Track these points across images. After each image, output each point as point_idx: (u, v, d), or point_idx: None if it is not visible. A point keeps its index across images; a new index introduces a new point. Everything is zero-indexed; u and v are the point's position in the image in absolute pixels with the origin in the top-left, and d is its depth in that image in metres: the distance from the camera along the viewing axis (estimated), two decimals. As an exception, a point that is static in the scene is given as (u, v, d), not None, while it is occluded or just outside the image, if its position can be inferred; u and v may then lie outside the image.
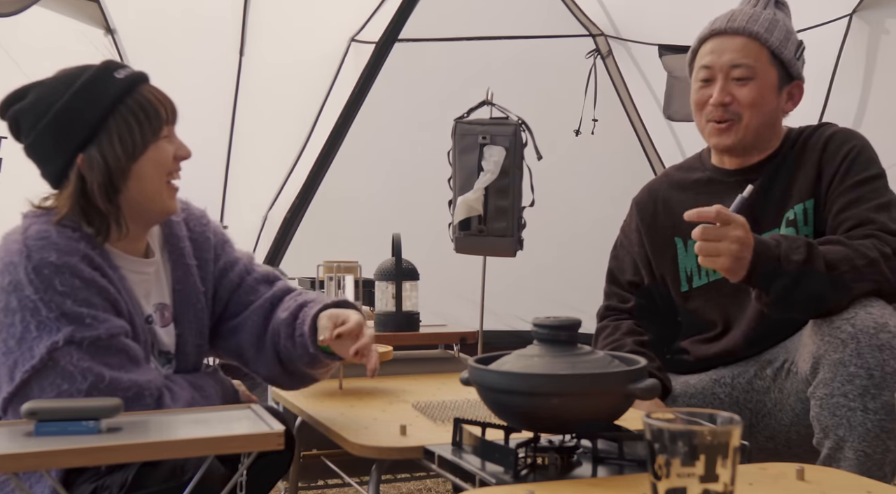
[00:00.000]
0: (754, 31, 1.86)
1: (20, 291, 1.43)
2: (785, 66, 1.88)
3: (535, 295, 4.20)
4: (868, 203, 1.77)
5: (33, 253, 1.44)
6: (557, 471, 1.36)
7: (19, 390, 1.42)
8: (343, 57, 4.05)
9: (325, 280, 2.25)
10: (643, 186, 2.14)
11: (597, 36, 4.34)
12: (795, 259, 1.64)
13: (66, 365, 1.42)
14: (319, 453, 2.40)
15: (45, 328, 1.42)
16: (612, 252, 2.15)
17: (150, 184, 1.55)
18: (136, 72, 1.58)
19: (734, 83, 1.86)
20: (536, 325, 1.43)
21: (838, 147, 1.85)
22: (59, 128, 1.51)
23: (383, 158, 4.22)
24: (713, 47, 1.90)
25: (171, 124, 1.59)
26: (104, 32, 3.33)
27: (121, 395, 1.41)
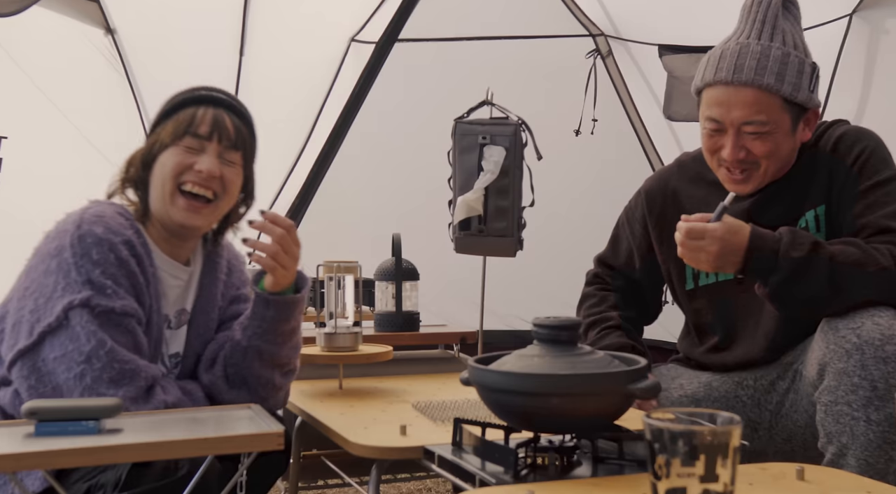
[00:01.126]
0: (764, 83, 1.73)
1: (61, 254, 1.54)
2: (799, 106, 1.78)
3: (535, 295, 4.20)
4: (884, 208, 1.72)
5: (84, 225, 1.56)
6: (557, 471, 1.36)
7: (34, 345, 1.50)
8: (343, 57, 4.05)
9: (325, 280, 2.24)
10: (654, 174, 2.10)
11: (597, 36, 4.34)
12: (795, 255, 1.63)
13: (75, 326, 1.49)
14: (319, 453, 2.40)
15: (70, 289, 1.51)
16: (615, 228, 2.14)
17: (157, 185, 1.66)
18: (214, 96, 1.74)
19: (747, 137, 1.77)
20: (536, 325, 1.43)
21: (849, 148, 1.79)
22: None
23: (383, 158, 4.22)
24: (720, 98, 1.77)
25: (208, 140, 1.68)
26: (104, 32, 3.33)
27: (117, 367, 1.48)
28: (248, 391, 1.70)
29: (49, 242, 1.57)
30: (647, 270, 2.07)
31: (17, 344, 1.51)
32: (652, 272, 2.07)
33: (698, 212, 1.86)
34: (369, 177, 4.22)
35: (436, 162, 2.46)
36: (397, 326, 2.58)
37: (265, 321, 1.67)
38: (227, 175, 1.68)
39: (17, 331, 1.53)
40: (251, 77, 3.73)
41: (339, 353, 2.15)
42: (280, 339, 1.69)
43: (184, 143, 1.66)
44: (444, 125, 2.41)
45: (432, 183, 2.61)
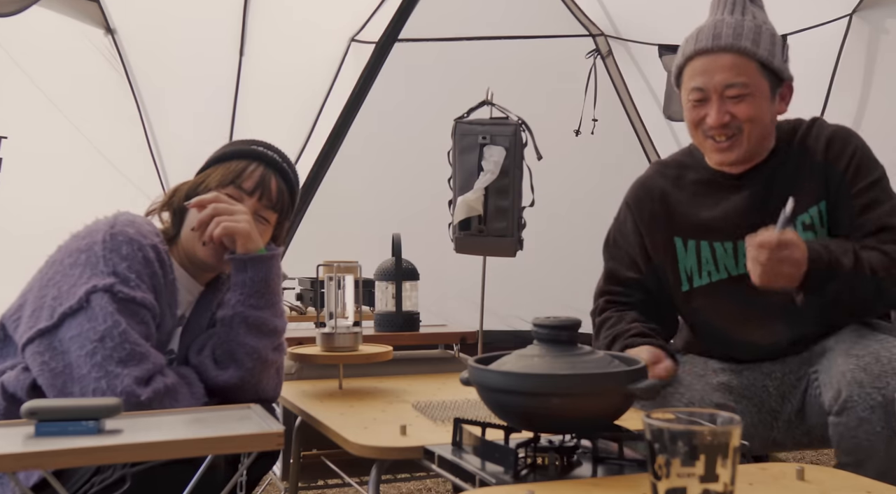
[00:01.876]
0: (741, 46, 1.83)
1: (91, 249, 1.60)
2: (775, 73, 1.86)
3: (535, 295, 4.20)
4: (882, 206, 1.82)
5: (117, 226, 1.64)
6: (557, 471, 1.36)
7: (54, 327, 1.55)
8: (343, 57, 4.06)
9: (325, 280, 2.24)
10: (633, 183, 2.10)
11: (597, 36, 4.34)
12: (846, 262, 1.72)
13: (95, 307, 1.55)
14: (319, 453, 2.40)
15: (95, 276, 1.57)
16: (606, 252, 2.11)
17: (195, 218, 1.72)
18: (269, 156, 1.84)
19: (730, 101, 1.84)
20: (536, 325, 1.43)
21: (842, 148, 1.86)
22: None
23: (383, 158, 4.22)
24: (702, 67, 1.86)
25: (250, 196, 1.77)
26: (104, 32, 3.33)
27: (128, 348, 1.53)
28: (237, 366, 1.70)
29: (78, 240, 1.64)
30: (653, 277, 2.04)
31: (35, 326, 1.56)
32: (657, 279, 2.04)
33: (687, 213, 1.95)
34: (369, 177, 4.22)
35: (436, 162, 2.46)
36: (397, 326, 2.58)
37: (245, 285, 1.72)
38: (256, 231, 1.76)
39: (38, 316, 1.57)
40: (251, 77, 3.73)
41: (339, 353, 2.15)
42: (262, 302, 1.73)
43: (226, 192, 1.75)
44: (445, 125, 2.41)
45: (432, 183, 2.61)
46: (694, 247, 1.95)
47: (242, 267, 1.72)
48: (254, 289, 1.72)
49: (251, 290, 1.72)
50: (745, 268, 1.86)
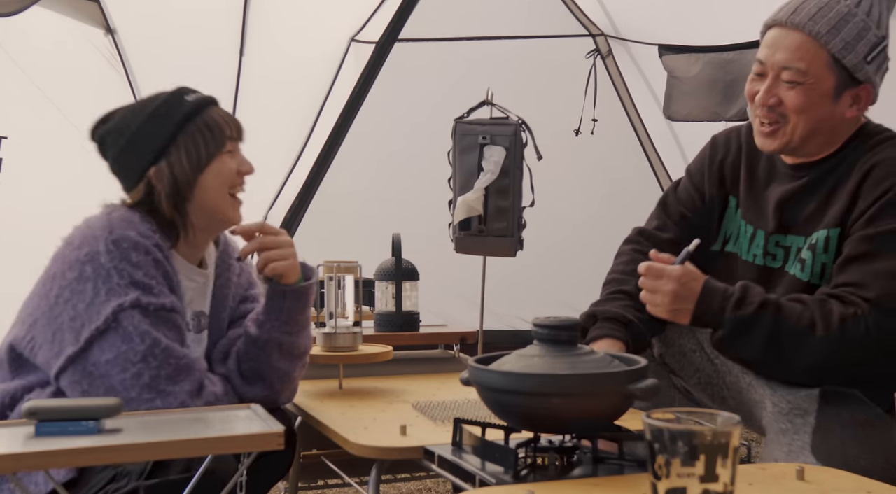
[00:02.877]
0: (815, 30, 1.66)
1: (96, 260, 1.54)
2: (847, 70, 1.69)
3: (535, 295, 4.20)
4: (879, 263, 1.64)
5: (115, 229, 1.58)
6: (557, 471, 1.36)
7: (83, 350, 1.51)
8: (343, 57, 4.05)
9: (325, 280, 2.24)
10: (725, 130, 2.01)
11: (597, 36, 4.34)
12: (740, 313, 1.64)
13: (127, 326, 1.51)
14: (319, 453, 2.40)
15: (115, 293, 1.53)
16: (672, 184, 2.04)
17: (213, 195, 1.69)
18: (205, 96, 1.74)
19: (783, 85, 1.70)
20: (536, 325, 1.43)
21: (879, 182, 1.68)
22: (136, 145, 1.68)
23: (383, 158, 4.22)
24: (770, 39, 1.72)
25: (236, 141, 1.74)
26: (104, 32, 3.33)
27: (173, 363, 1.52)
28: (265, 385, 1.74)
29: (76, 249, 1.57)
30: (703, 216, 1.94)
31: (62, 352, 1.52)
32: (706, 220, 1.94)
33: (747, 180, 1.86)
34: (369, 177, 4.22)
35: (436, 162, 2.46)
36: (397, 326, 2.58)
37: (283, 312, 1.71)
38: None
39: (61, 340, 1.53)
40: (251, 77, 3.73)
41: (339, 353, 2.15)
42: (297, 329, 1.74)
43: (226, 149, 1.71)
44: (444, 125, 2.41)
45: (432, 183, 2.61)
46: (739, 215, 1.89)
47: (281, 296, 1.71)
48: (290, 317, 1.72)
49: (288, 318, 1.72)
50: (752, 256, 1.85)
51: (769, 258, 1.82)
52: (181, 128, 1.68)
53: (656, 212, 2.02)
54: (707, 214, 1.95)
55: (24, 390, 1.58)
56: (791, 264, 1.80)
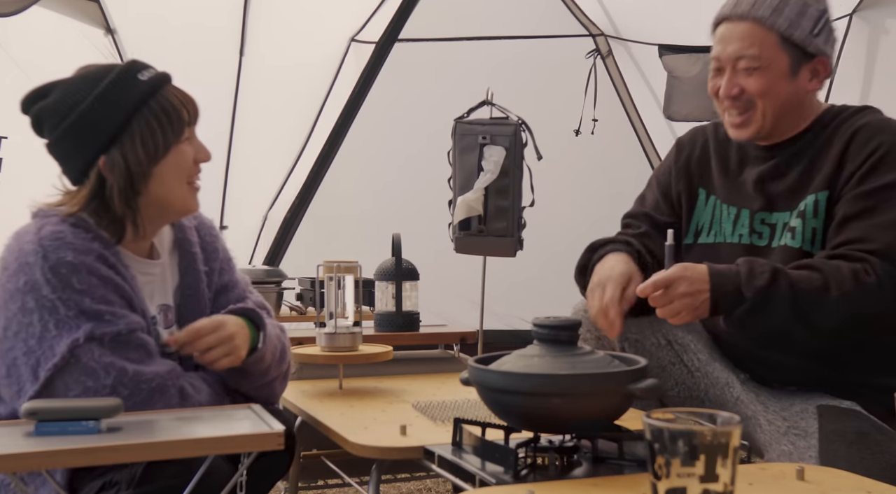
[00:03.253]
0: (758, 15, 1.73)
1: (37, 291, 1.43)
2: (799, 47, 1.74)
3: (535, 295, 4.20)
4: (878, 217, 1.65)
5: (49, 253, 1.45)
6: (557, 471, 1.36)
7: (44, 388, 1.42)
8: (343, 57, 4.05)
9: (325, 280, 2.24)
10: (691, 128, 2.05)
11: (597, 36, 4.34)
12: (757, 284, 1.60)
13: (88, 362, 1.42)
14: (319, 453, 2.40)
15: (65, 326, 1.43)
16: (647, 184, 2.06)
17: (170, 187, 1.56)
18: (160, 73, 1.59)
19: (741, 73, 1.75)
20: (536, 325, 1.43)
21: (865, 142, 1.72)
22: (83, 129, 1.51)
23: (383, 158, 4.22)
24: (720, 35, 1.78)
25: (193, 126, 1.60)
26: (104, 32, 3.33)
27: (145, 388, 1.44)
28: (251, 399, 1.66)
29: (12, 276, 1.46)
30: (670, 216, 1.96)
31: (23, 390, 1.44)
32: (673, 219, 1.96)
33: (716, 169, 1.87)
34: (369, 177, 4.22)
35: (436, 162, 2.46)
36: (397, 326, 2.58)
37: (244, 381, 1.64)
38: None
39: (18, 376, 1.45)
40: (251, 77, 3.73)
41: (339, 353, 2.15)
42: (264, 380, 1.66)
43: (184, 137, 1.58)
44: (444, 125, 2.41)
45: (432, 183, 2.61)
46: (712, 204, 1.90)
47: (238, 376, 1.62)
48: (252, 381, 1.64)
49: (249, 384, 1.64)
50: (738, 237, 1.84)
51: (755, 236, 1.82)
52: (136, 112, 1.52)
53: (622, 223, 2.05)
54: (673, 213, 1.97)
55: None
56: (778, 240, 1.80)
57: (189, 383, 1.55)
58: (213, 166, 4.09)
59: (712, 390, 1.88)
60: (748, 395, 1.82)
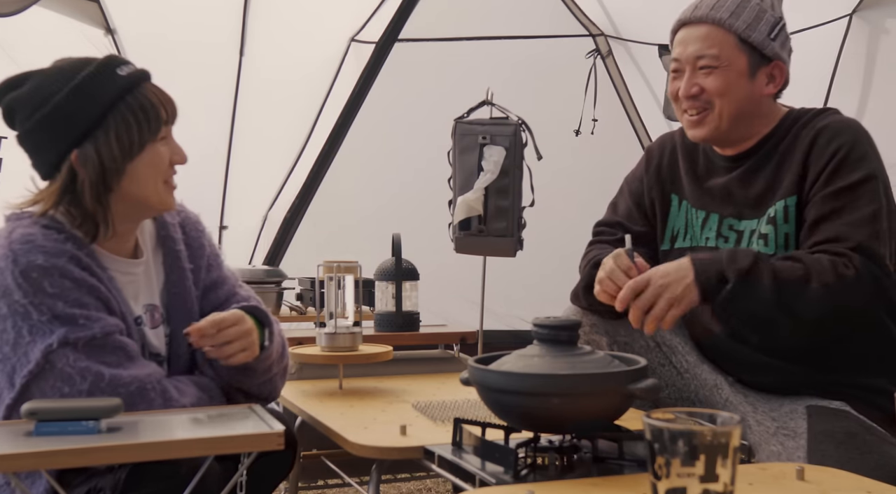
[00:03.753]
0: (717, 17, 1.78)
1: (9, 296, 1.41)
2: (757, 49, 1.79)
3: (535, 295, 4.20)
4: (848, 215, 1.67)
5: (20, 257, 1.42)
6: (557, 471, 1.36)
7: (20, 395, 1.40)
8: (343, 57, 4.05)
9: (325, 280, 2.24)
10: (660, 136, 2.08)
11: (597, 36, 4.34)
12: (738, 267, 1.61)
13: (63, 367, 1.40)
14: (319, 453, 2.40)
15: (38, 331, 1.40)
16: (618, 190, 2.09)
17: (144, 185, 1.53)
18: (139, 69, 1.57)
19: (700, 73, 1.79)
20: (536, 325, 1.43)
21: (826, 144, 1.74)
22: (56, 122, 1.48)
23: (383, 158, 4.22)
24: (680, 38, 1.84)
25: (170, 125, 1.58)
26: (104, 32, 3.33)
27: (123, 392, 1.41)
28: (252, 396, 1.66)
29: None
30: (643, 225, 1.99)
31: (0, 398, 1.43)
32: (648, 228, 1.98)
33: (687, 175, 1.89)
34: (369, 177, 4.22)
35: (436, 162, 2.46)
36: (397, 326, 2.58)
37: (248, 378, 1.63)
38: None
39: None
40: (251, 77, 3.73)
41: (339, 353, 2.15)
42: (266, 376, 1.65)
43: (160, 136, 1.54)
44: (444, 125, 2.41)
45: (432, 183, 2.61)
46: (685, 209, 1.92)
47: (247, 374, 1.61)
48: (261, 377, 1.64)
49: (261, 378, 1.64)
50: (705, 240, 1.85)
51: (721, 240, 1.84)
52: (112, 107, 1.48)
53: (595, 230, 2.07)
54: (646, 221, 1.99)
55: None
56: (744, 246, 1.80)
57: (174, 385, 1.52)
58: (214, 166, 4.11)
59: (702, 391, 1.88)
60: (737, 397, 1.82)
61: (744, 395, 1.82)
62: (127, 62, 1.56)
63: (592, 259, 1.89)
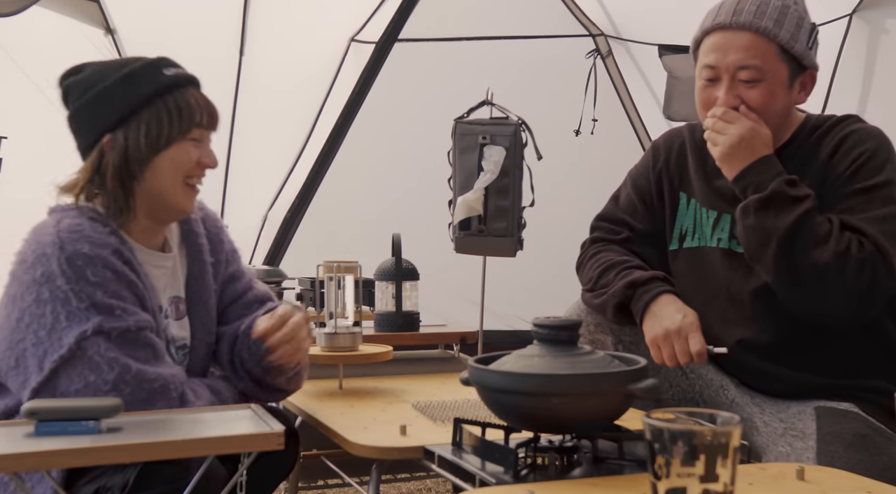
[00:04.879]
0: (762, 26, 1.70)
1: (52, 282, 1.45)
2: (796, 59, 1.74)
3: (535, 295, 4.20)
4: (864, 213, 1.67)
5: (66, 245, 1.47)
6: (557, 471, 1.36)
7: (48, 380, 1.43)
8: (343, 57, 4.05)
9: (325, 280, 2.24)
10: (666, 131, 2.06)
11: (597, 36, 4.34)
12: (788, 190, 1.64)
13: (93, 356, 1.43)
14: (319, 453, 2.40)
15: (75, 318, 1.44)
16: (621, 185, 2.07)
17: (165, 180, 1.59)
18: (187, 74, 1.66)
19: (742, 85, 1.73)
20: (536, 325, 1.43)
21: (849, 150, 1.73)
22: (97, 106, 1.58)
23: (383, 158, 4.22)
24: (717, 43, 1.74)
25: (206, 130, 1.64)
26: (104, 32, 3.33)
27: (147, 388, 1.45)
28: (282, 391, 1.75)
29: (30, 268, 1.48)
30: (648, 222, 1.97)
31: (28, 381, 1.45)
32: (653, 226, 1.97)
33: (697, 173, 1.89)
34: (369, 177, 4.22)
35: (436, 162, 2.46)
36: (397, 326, 2.58)
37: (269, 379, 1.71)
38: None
39: (25, 367, 1.46)
40: (251, 77, 3.72)
41: (339, 353, 2.15)
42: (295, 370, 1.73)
43: (190, 136, 1.61)
44: (444, 125, 2.41)
45: (432, 183, 2.60)
46: (693, 208, 1.90)
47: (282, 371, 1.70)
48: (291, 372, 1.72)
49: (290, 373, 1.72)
50: (716, 241, 1.84)
51: (734, 242, 1.82)
52: (148, 100, 1.58)
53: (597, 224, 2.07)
54: (651, 219, 1.97)
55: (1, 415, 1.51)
56: None
57: (191, 389, 1.55)
58: (214, 166, 4.05)
59: (707, 392, 1.88)
60: (743, 398, 1.82)
61: (750, 396, 1.81)
62: (177, 65, 1.66)
63: (612, 267, 1.87)
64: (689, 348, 1.70)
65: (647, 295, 1.78)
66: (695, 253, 1.89)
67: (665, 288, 1.79)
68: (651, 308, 1.77)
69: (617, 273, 1.86)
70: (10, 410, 1.50)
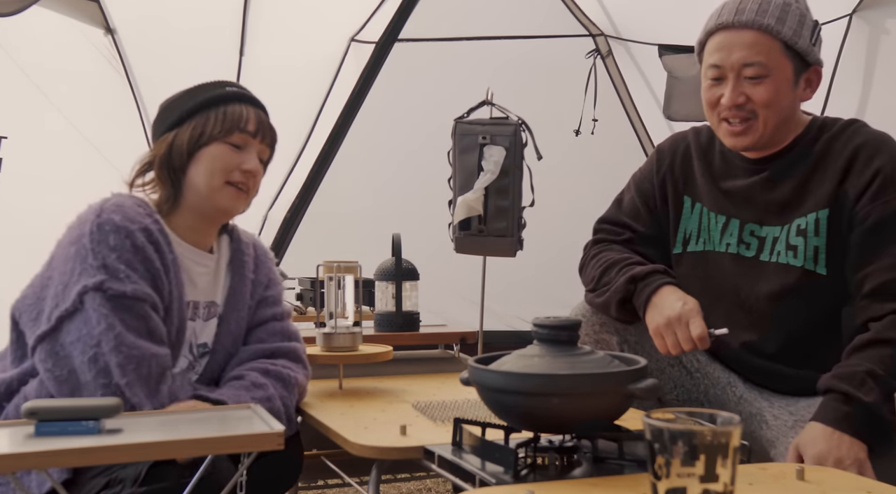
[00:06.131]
0: (765, 23, 1.72)
1: (80, 241, 1.59)
2: (800, 55, 1.75)
3: (535, 295, 4.20)
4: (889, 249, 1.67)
5: (103, 213, 1.62)
6: (557, 471, 1.36)
7: (52, 330, 1.54)
8: (343, 57, 4.05)
9: (325, 280, 2.24)
10: (670, 136, 2.06)
11: (597, 36, 4.34)
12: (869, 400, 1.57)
13: (88, 309, 1.53)
14: (319, 453, 2.40)
15: (85, 273, 1.55)
16: (625, 188, 2.07)
17: (202, 175, 1.73)
18: (247, 93, 1.83)
19: (747, 82, 1.74)
20: (536, 325, 1.43)
21: (867, 162, 1.72)
22: (164, 113, 1.80)
23: (383, 158, 4.22)
24: (721, 43, 1.76)
25: (251, 137, 1.78)
26: (104, 32, 3.33)
27: (124, 352, 1.52)
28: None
29: (70, 232, 1.63)
30: (651, 226, 1.98)
31: (36, 329, 1.56)
32: (656, 230, 1.98)
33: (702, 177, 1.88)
34: (369, 177, 4.22)
35: (436, 162, 2.46)
36: (397, 326, 2.58)
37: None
38: (260, 171, 1.82)
39: (38, 318, 1.57)
40: (251, 77, 3.72)
41: (339, 353, 2.15)
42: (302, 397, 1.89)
43: (232, 139, 1.75)
44: (444, 125, 2.41)
45: (432, 183, 2.60)
46: (699, 212, 1.90)
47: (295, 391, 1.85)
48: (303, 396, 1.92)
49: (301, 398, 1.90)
50: (725, 246, 1.84)
51: (743, 246, 1.83)
52: (202, 107, 1.76)
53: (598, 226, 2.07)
54: (654, 223, 1.97)
55: (19, 381, 1.60)
56: (766, 254, 1.80)
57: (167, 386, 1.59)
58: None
59: (713, 390, 1.88)
60: (751, 393, 1.82)
61: (758, 391, 1.81)
62: (242, 88, 1.85)
63: (614, 265, 1.88)
64: (690, 333, 1.69)
65: (649, 288, 1.79)
66: (699, 256, 1.90)
67: (666, 280, 1.80)
68: (653, 299, 1.78)
69: (618, 270, 1.87)
70: (24, 376, 1.59)
